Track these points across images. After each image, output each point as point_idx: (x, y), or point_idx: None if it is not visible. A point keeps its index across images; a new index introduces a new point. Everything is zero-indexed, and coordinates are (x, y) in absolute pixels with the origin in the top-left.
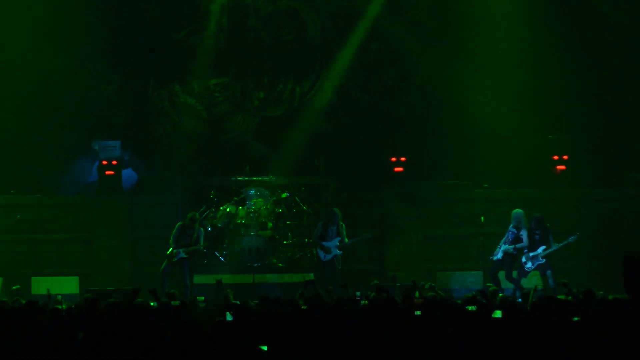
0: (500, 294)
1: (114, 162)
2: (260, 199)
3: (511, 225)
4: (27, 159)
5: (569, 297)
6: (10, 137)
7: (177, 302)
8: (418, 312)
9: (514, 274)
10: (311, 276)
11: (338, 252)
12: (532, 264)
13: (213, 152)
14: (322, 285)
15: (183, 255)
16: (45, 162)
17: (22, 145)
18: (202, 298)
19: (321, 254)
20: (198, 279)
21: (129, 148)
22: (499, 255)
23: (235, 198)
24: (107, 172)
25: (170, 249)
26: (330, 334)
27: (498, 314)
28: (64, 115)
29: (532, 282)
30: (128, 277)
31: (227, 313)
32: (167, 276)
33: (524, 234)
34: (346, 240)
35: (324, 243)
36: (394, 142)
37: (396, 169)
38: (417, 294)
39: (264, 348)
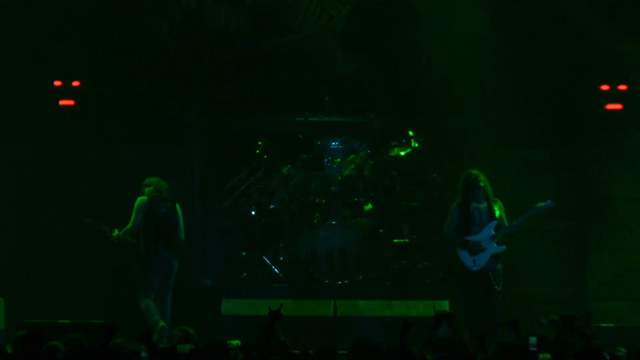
0: None
1: (76, 83)
2: (351, 157)
3: None
4: None
5: None
6: None
7: (187, 347)
8: None
9: None
10: (445, 305)
11: (497, 247)
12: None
13: (260, 69)
14: (467, 323)
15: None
16: None
17: None
18: (237, 342)
19: (465, 257)
20: (229, 307)
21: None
22: None
23: (304, 156)
24: (63, 102)
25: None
26: None
27: None
28: None
29: None
30: (95, 299)
31: None
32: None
33: None
34: (513, 222)
35: (468, 237)
36: (605, 62)
37: (611, 106)
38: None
39: None
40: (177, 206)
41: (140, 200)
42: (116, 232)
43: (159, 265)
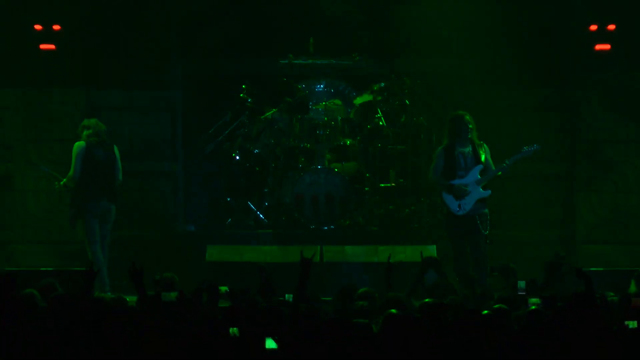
0: None
1: (56, 27)
2: (336, 101)
3: None
4: None
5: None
6: None
7: (173, 295)
8: (632, 323)
9: None
10: (433, 250)
11: (483, 192)
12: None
13: (243, 11)
14: (454, 269)
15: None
16: None
17: None
18: (225, 289)
19: (451, 201)
20: (213, 253)
21: None
22: None
23: (288, 99)
24: (43, 46)
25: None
26: None
27: None
28: None
29: None
30: (81, 248)
31: (268, 339)
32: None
33: None
34: (503, 164)
35: (454, 181)
36: (593, 1)
37: (599, 47)
38: (632, 286)
39: None
40: (116, 149)
41: (78, 145)
42: (64, 180)
43: (96, 210)
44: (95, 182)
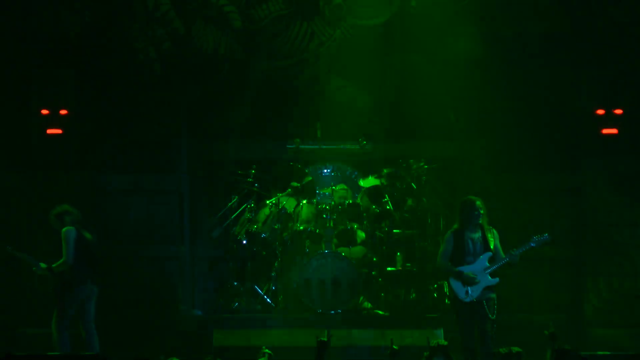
0: None
1: (63, 111)
2: (342, 186)
3: None
4: None
5: None
6: None
7: None
8: None
9: None
10: (440, 335)
11: (491, 280)
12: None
13: (251, 95)
14: (462, 352)
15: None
16: None
17: None
18: None
19: (458, 288)
20: (220, 338)
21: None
22: None
23: (295, 184)
24: (50, 131)
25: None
26: None
27: None
28: None
29: None
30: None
31: None
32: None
33: None
34: (511, 252)
35: (462, 268)
36: (600, 85)
37: (606, 131)
38: None
39: None
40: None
41: (69, 230)
42: (43, 265)
43: (84, 293)
44: (88, 266)
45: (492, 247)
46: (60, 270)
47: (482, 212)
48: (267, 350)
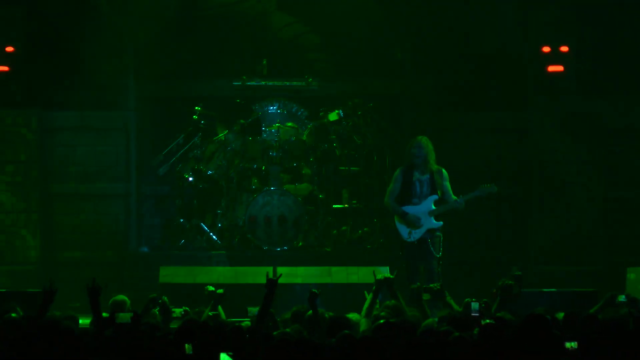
0: None
1: (9, 49)
2: (289, 124)
3: None
4: None
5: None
6: None
7: (127, 316)
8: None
9: None
10: (386, 272)
11: (434, 223)
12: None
13: (197, 32)
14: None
15: None
16: None
17: None
18: (180, 311)
19: (402, 229)
20: (167, 274)
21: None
22: None
23: (242, 121)
24: None
25: None
26: None
27: None
28: None
29: None
30: (34, 270)
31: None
32: None
33: None
34: (454, 197)
35: (407, 207)
36: (546, 23)
37: (552, 68)
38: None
39: None
40: None
41: None
42: None
43: None
44: None
45: (439, 190)
46: None
47: (426, 150)
48: (211, 288)
